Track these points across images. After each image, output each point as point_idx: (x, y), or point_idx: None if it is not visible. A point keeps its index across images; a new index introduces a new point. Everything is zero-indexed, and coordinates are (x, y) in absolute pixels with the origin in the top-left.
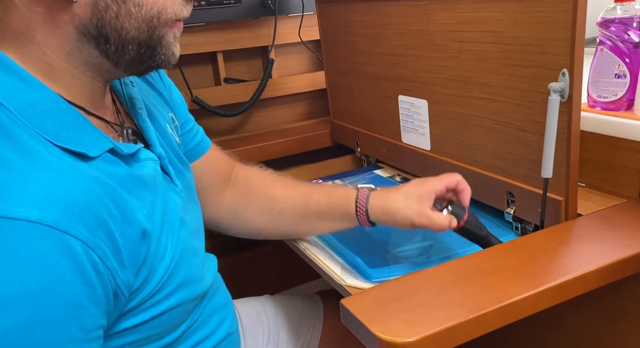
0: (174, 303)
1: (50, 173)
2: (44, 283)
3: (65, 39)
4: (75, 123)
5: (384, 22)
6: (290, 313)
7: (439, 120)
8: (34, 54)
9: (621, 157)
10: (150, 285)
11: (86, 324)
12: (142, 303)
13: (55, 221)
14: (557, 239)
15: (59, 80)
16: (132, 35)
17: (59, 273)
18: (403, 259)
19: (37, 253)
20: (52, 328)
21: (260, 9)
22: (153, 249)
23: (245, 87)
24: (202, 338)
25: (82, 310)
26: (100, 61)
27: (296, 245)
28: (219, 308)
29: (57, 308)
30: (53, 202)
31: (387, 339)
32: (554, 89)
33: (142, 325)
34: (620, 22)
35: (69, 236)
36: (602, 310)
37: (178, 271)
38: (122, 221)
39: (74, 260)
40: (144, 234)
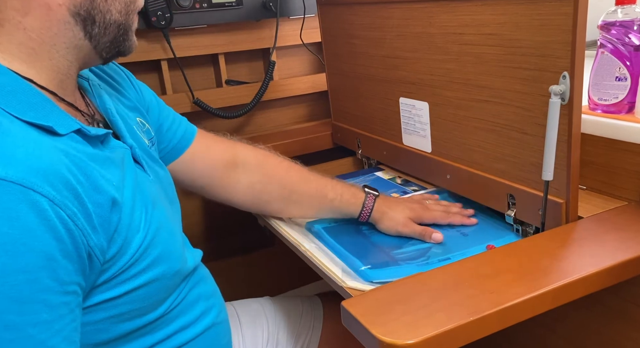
0: (150, 278)
1: (15, 138)
2: (12, 235)
3: (55, 21)
4: (42, 105)
5: (385, 24)
6: (289, 314)
7: (440, 122)
8: (18, 39)
9: (622, 160)
10: (126, 256)
11: (61, 276)
12: (118, 274)
13: (19, 178)
14: (557, 241)
15: (37, 64)
16: (114, 18)
17: (27, 225)
18: (402, 261)
19: (4, 207)
20: (24, 278)
21: (261, 11)
22: (126, 220)
23: (247, 89)
24: (186, 323)
25: (55, 263)
26: (83, 43)
27: (297, 247)
28: (204, 296)
29: (28, 258)
30: (16, 162)
31: (387, 341)
32: (554, 92)
33: (120, 297)
34: (621, 25)
35: (34, 193)
36: (602, 312)
37: (154, 246)
38: (90, 188)
39: (40, 215)
40: (113, 202)
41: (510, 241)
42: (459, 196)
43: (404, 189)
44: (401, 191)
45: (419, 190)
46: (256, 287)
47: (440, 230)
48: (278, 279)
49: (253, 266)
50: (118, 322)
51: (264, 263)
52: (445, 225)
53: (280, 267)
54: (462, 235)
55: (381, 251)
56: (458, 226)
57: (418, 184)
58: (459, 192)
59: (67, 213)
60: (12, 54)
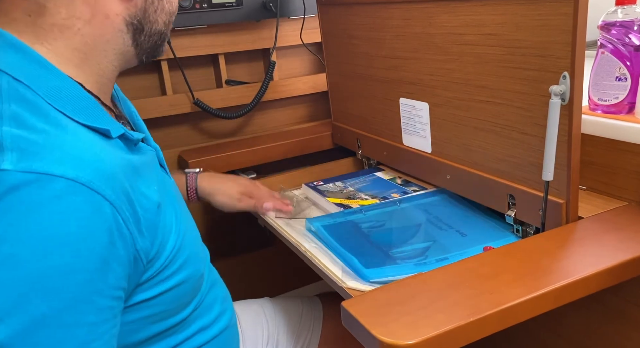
0: (181, 279)
1: (81, 141)
2: (78, 235)
3: (110, 29)
4: (95, 109)
5: (385, 24)
6: (289, 315)
7: (440, 123)
8: (74, 45)
9: (622, 160)
10: (162, 258)
11: (110, 281)
12: (155, 275)
13: (88, 181)
14: (558, 242)
15: (86, 69)
16: (159, 28)
17: (91, 227)
18: (400, 260)
19: (74, 207)
20: (83, 278)
21: (262, 11)
22: (162, 223)
23: (247, 89)
24: (204, 325)
25: (108, 266)
26: (129, 49)
27: (297, 247)
28: (219, 299)
29: (88, 259)
30: (85, 165)
31: (388, 341)
32: (554, 92)
33: (155, 298)
34: (621, 26)
35: (99, 196)
36: (602, 312)
37: (184, 249)
38: (139, 193)
39: (102, 218)
40: (158, 206)
41: (510, 241)
42: (459, 197)
43: (404, 190)
44: (401, 191)
45: (419, 190)
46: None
47: (439, 229)
48: (277, 279)
49: (253, 266)
50: (149, 323)
51: (263, 264)
52: (443, 225)
53: (279, 267)
54: (461, 235)
55: (379, 250)
56: (457, 227)
57: (418, 184)
58: (459, 192)
59: (122, 218)
60: (67, 58)
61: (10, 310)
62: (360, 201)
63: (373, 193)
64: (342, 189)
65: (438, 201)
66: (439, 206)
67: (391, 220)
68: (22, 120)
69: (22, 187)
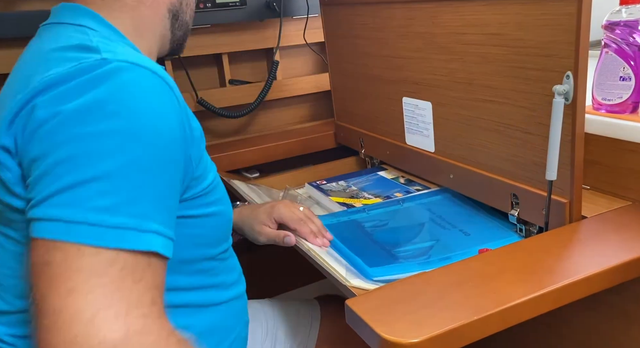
0: (217, 210)
1: (149, 59)
2: (161, 111)
3: (160, 13)
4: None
5: (388, 24)
6: (288, 314)
7: (443, 122)
8: (134, 22)
9: (626, 159)
10: (204, 184)
11: (178, 159)
12: (197, 197)
13: (165, 77)
14: (561, 241)
15: (138, 42)
16: (187, 19)
17: (169, 110)
18: (403, 259)
19: (157, 91)
20: (164, 143)
21: (265, 11)
22: (206, 156)
23: (250, 88)
24: (227, 282)
25: (177, 146)
26: (167, 33)
27: (300, 246)
28: (236, 270)
29: (169, 130)
30: (159, 69)
31: (391, 340)
32: (558, 92)
33: (197, 218)
34: (625, 25)
35: (172, 92)
36: (605, 312)
37: (217, 190)
38: (191, 115)
39: (174, 109)
40: (201, 135)
41: (514, 241)
42: (462, 196)
43: (407, 189)
44: (404, 190)
45: (422, 190)
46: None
47: (442, 229)
48: (277, 280)
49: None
50: (190, 244)
51: (264, 264)
52: (446, 224)
53: (279, 268)
54: (464, 234)
55: (383, 249)
56: (460, 226)
57: (421, 183)
58: (462, 192)
59: (183, 119)
60: (127, 32)
61: (115, 149)
62: (363, 200)
63: (376, 192)
64: (345, 189)
65: (441, 201)
66: (442, 206)
67: (394, 219)
68: (107, 43)
69: (120, 70)
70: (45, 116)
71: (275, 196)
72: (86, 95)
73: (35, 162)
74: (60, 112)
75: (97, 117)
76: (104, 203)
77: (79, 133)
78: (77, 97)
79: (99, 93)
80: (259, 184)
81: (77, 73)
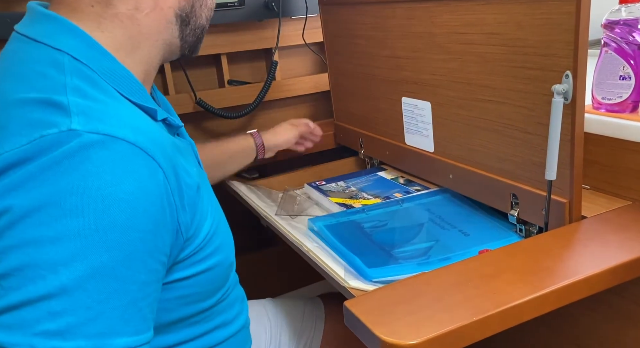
0: (213, 263)
1: (135, 114)
2: (137, 195)
3: (163, 20)
4: (142, 92)
5: (387, 24)
6: (291, 315)
7: (443, 122)
8: (129, 33)
9: (626, 159)
10: (199, 239)
11: (159, 245)
12: (191, 255)
13: (146, 147)
14: (561, 241)
15: (136, 56)
16: (201, 23)
17: (147, 189)
18: (403, 259)
19: (133, 169)
20: (138, 236)
21: (264, 11)
22: (200, 205)
23: (249, 89)
24: (225, 320)
25: (158, 230)
26: (175, 41)
27: (299, 246)
28: (238, 299)
29: (144, 219)
30: (141, 133)
31: (390, 341)
32: (557, 91)
33: (189, 278)
34: (625, 24)
35: (154, 162)
36: (605, 312)
37: (217, 235)
38: (182, 171)
39: (156, 183)
40: (197, 187)
41: (513, 241)
42: (461, 196)
43: (406, 189)
44: (404, 190)
45: (422, 190)
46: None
47: (442, 229)
48: (280, 280)
49: (255, 266)
50: (182, 304)
51: (265, 263)
52: (446, 224)
53: (282, 268)
54: (464, 235)
55: (382, 250)
56: (460, 226)
57: (421, 184)
58: (461, 192)
59: (171, 187)
60: (119, 44)
61: (74, 257)
62: (362, 200)
63: (375, 192)
64: (345, 189)
65: (440, 201)
66: (441, 206)
67: (394, 219)
68: (83, 92)
69: (90, 147)
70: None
71: (275, 197)
72: (42, 187)
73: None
74: (11, 208)
75: (54, 216)
76: (56, 325)
77: (31, 237)
78: (32, 189)
79: (59, 184)
80: (258, 185)
81: (35, 154)
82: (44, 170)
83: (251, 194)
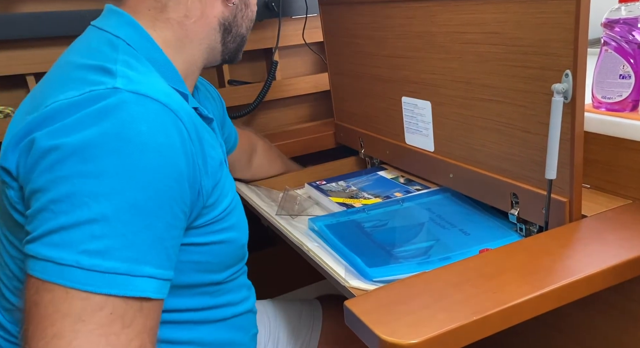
0: (228, 238)
1: (168, 87)
2: (166, 145)
3: (207, 27)
4: (180, 81)
5: (387, 24)
6: (289, 314)
7: (443, 121)
8: (177, 35)
9: (626, 158)
10: (217, 210)
11: (182, 195)
12: (208, 224)
13: (175, 110)
14: (561, 240)
15: (182, 54)
16: (242, 31)
17: (174, 144)
18: (403, 259)
19: (164, 124)
20: (167, 183)
21: (264, 11)
22: (223, 180)
23: (249, 89)
24: (233, 301)
25: (183, 181)
26: (217, 45)
27: (300, 246)
28: (246, 286)
29: (172, 169)
30: (172, 100)
31: (390, 341)
32: (557, 91)
33: (205, 245)
34: (624, 23)
35: (182, 124)
36: (605, 311)
37: (233, 214)
38: (207, 144)
39: (182, 142)
40: (220, 163)
41: (514, 240)
42: (462, 195)
43: (407, 189)
44: (404, 190)
45: (422, 189)
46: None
47: (442, 228)
48: (279, 280)
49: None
50: (193, 270)
51: (265, 263)
52: (446, 224)
53: (281, 268)
54: (464, 234)
55: (382, 250)
56: (460, 225)
57: (421, 183)
58: (462, 191)
59: (194, 151)
60: (168, 43)
61: (113, 190)
62: (363, 200)
63: (376, 192)
64: (345, 189)
65: (441, 200)
66: (441, 205)
67: (394, 219)
68: (130, 64)
69: (129, 101)
70: (47, 147)
71: (275, 197)
72: (88, 130)
73: (34, 194)
74: (62, 145)
75: (98, 155)
76: (97, 246)
77: (78, 170)
78: (80, 131)
79: (102, 128)
80: (258, 184)
81: (84, 103)
82: (89, 116)
83: (251, 193)
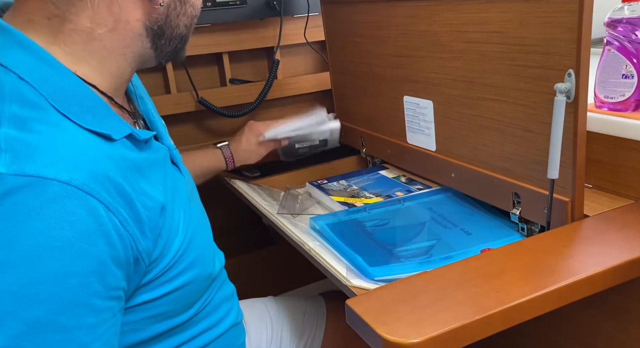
0: (186, 280)
1: (77, 144)
2: (71, 239)
3: (130, 34)
4: (99, 109)
5: (389, 23)
6: (293, 313)
7: (445, 121)
8: (92, 48)
9: (628, 158)
10: (167, 258)
11: (109, 282)
12: (159, 276)
13: (81, 184)
14: (563, 240)
15: (103, 70)
16: (180, 31)
17: (85, 230)
18: (404, 258)
19: (66, 211)
20: (79, 281)
21: (265, 10)
22: (169, 223)
23: (251, 88)
24: (211, 324)
25: (105, 268)
26: (148, 51)
27: (301, 245)
28: (225, 298)
29: (84, 263)
30: (79, 167)
31: (392, 340)
32: (560, 90)
33: (159, 298)
34: (627, 23)
35: (93, 198)
36: (607, 311)
37: (191, 250)
38: (142, 193)
39: (97, 221)
40: (162, 208)
41: (515, 240)
42: (463, 195)
43: (408, 188)
44: (405, 189)
45: (424, 189)
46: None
47: (443, 228)
48: (281, 278)
49: (257, 265)
50: (153, 323)
51: (267, 262)
52: (448, 223)
53: (283, 266)
54: (466, 234)
55: (384, 249)
56: (462, 225)
57: (422, 182)
58: (463, 191)
59: (119, 219)
60: (82, 59)
61: (4, 315)
62: (364, 199)
63: (377, 191)
64: (346, 188)
65: (442, 200)
66: (443, 205)
67: (395, 218)
68: (20, 121)
69: (15, 192)
70: None
71: (277, 196)
72: None
73: None
74: None
75: None
76: None
77: None
78: None
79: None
80: (259, 183)
81: None
82: None
83: (253, 193)
